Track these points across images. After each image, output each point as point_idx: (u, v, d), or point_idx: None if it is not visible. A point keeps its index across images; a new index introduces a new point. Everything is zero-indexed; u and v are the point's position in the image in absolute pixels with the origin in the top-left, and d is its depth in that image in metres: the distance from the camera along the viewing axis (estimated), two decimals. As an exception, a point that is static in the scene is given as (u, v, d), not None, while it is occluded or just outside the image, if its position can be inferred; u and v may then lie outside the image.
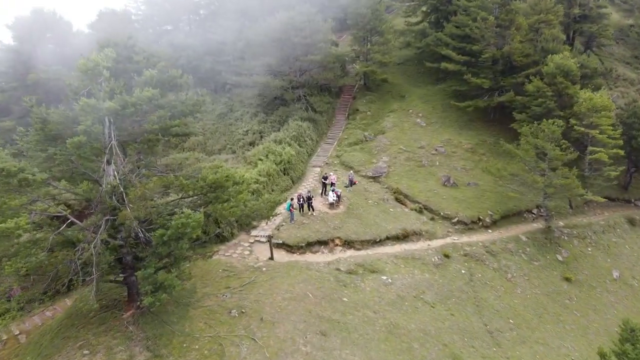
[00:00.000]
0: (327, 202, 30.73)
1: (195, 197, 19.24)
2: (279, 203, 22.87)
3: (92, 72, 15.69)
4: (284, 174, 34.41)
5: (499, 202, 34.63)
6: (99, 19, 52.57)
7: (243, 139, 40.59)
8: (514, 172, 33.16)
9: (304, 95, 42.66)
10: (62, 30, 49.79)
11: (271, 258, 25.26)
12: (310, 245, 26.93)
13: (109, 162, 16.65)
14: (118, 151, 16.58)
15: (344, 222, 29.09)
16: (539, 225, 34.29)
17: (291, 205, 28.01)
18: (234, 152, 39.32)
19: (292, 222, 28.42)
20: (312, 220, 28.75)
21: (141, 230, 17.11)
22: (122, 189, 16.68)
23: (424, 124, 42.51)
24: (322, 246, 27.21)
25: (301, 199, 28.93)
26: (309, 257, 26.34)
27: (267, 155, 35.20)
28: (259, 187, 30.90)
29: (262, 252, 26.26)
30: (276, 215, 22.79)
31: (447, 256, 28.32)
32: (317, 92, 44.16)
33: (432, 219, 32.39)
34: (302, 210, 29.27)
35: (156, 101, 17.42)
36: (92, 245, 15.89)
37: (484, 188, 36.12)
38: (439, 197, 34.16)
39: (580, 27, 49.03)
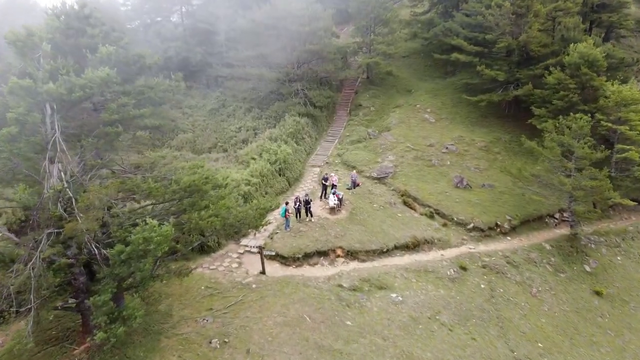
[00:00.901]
0: (327, 207, 27.30)
1: (167, 203, 15.79)
2: (271, 209, 19.32)
3: (24, 45, 12.25)
4: (280, 175, 30.99)
5: (518, 206, 31.20)
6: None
7: (235, 137, 37.16)
8: (535, 173, 29.69)
9: (302, 89, 39.22)
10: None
11: (262, 272, 21.84)
12: (308, 257, 23.50)
13: (52, 161, 13.18)
14: (64, 147, 13.10)
15: (346, 230, 25.66)
16: (562, 231, 30.86)
17: (286, 210, 24.57)
18: (225, 151, 35.87)
19: (288, 229, 25.00)
20: (310, 228, 25.32)
21: (96, 245, 13.64)
22: (70, 194, 13.23)
23: (433, 120, 39.09)
24: (322, 257, 23.79)
25: (298, 203, 25.49)
26: (306, 270, 22.91)
27: (260, 154, 31.83)
28: (251, 190, 27.48)
29: (253, 264, 22.86)
30: (268, 223, 19.23)
31: (463, 268, 24.89)
32: (317, 86, 40.70)
33: (444, 224, 28.97)
34: (299, 216, 25.83)
35: (115, 85, 13.95)
36: (29, 267, 12.44)
37: (500, 190, 32.69)
38: (452, 200, 30.74)
39: (599, 17, 45.47)
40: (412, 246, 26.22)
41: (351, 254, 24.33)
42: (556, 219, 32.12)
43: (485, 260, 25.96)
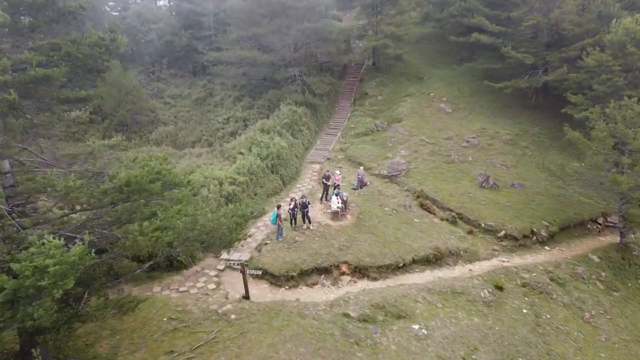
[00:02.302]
0: (329, 211, 22.39)
1: (97, 210, 10.84)
2: (252, 216, 14.39)
3: None
4: (272, 172, 26.07)
5: (555, 209, 26.24)
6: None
7: (223, 129, 32.30)
8: (579, 170, 24.73)
9: (300, 75, 34.28)
10: None
11: (246, 297, 16.89)
12: (305, 275, 18.55)
13: None
14: None
15: (352, 239, 20.72)
16: (608, 239, 25.91)
17: (278, 215, 19.61)
18: (210, 145, 30.94)
19: (280, 239, 20.06)
20: (308, 237, 20.38)
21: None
22: None
23: (450, 110, 34.15)
24: (323, 275, 18.83)
25: (293, 205, 20.52)
26: (302, 293, 17.98)
27: (250, 147, 26.91)
28: (237, 190, 22.55)
29: (235, 284, 17.98)
30: (246, 237, 14.29)
31: (499, 288, 19.91)
32: (316, 72, 35.79)
33: (470, 232, 24.03)
34: (295, 223, 20.89)
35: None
36: None
37: (532, 190, 27.74)
38: (477, 203, 25.79)
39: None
40: (434, 259, 21.26)
41: (359, 271, 19.38)
42: (599, 224, 27.13)
43: (525, 277, 20.96)
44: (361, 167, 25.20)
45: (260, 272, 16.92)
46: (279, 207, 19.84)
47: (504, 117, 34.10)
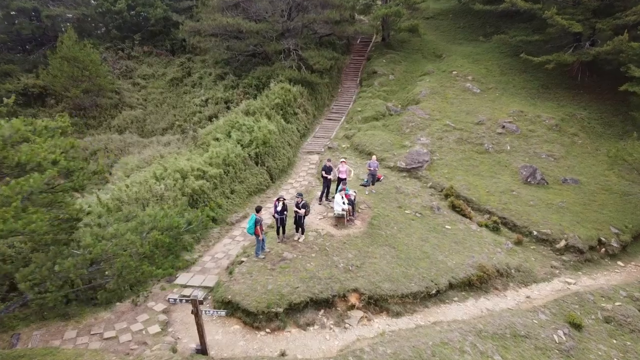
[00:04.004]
0: (331, 214, 16.39)
1: None
2: (188, 230, 8.34)
3: None
4: (257, 164, 20.05)
5: (624, 212, 20.27)
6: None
7: (200, 112, 26.38)
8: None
9: (295, 49, 28.21)
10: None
11: (202, 351, 10.82)
12: (296, 311, 12.50)
13: None
14: None
15: (364, 255, 14.69)
16: (695, 251, 19.80)
17: (257, 221, 13.51)
18: (184, 132, 24.91)
19: (261, 255, 14.03)
20: (301, 253, 14.35)
21: None
22: None
23: (478, 91, 28.09)
24: (322, 311, 12.79)
25: (281, 207, 14.42)
26: (292, 339, 11.93)
27: (229, 132, 20.85)
28: (206, 187, 16.54)
29: (190, 327, 11.89)
30: (175, 274, 8.31)
31: (576, 325, 13.84)
32: (315, 46, 29.71)
33: (517, 242, 18.05)
34: (283, 232, 14.83)
35: None
36: None
37: (591, 187, 21.73)
38: (523, 204, 19.77)
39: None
40: (478, 283, 15.22)
41: (375, 303, 13.33)
42: (678, 231, 21.08)
43: (607, 309, 14.90)
44: (373, 157, 19.14)
45: (224, 313, 10.83)
46: (258, 209, 13.73)
47: (543, 99, 28.07)
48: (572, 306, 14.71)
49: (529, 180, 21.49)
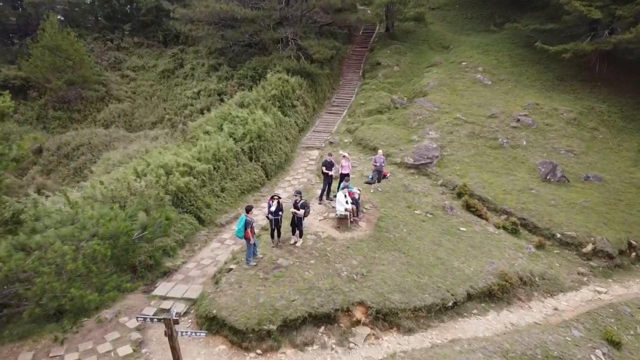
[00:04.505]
0: (332, 215, 14.59)
1: None
2: (155, 235, 6.78)
3: None
4: (251, 159, 18.27)
5: (653, 212, 18.41)
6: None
7: (191, 105, 24.68)
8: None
9: (294, 38, 26.42)
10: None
11: (178, 379, 9.01)
12: (292, 329, 10.70)
13: None
14: None
15: (370, 262, 12.89)
16: None
17: (248, 223, 11.70)
18: (174, 126, 23.12)
19: (252, 262, 12.23)
20: (298, 259, 12.55)
21: None
22: None
23: (489, 82, 26.30)
24: (323, 327, 10.99)
25: (275, 207, 12.59)
26: (286, 363, 10.15)
27: (221, 125, 19.04)
28: (192, 184, 14.76)
29: (167, 348, 10.05)
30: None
31: (615, 344, 12.04)
32: (315, 35, 27.91)
33: (539, 245, 16.25)
34: (278, 235, 13.01)
35: None
36: None
37: (615, 186, 19.95)
38: (544, 203, 17.97)
39: None
40: (500, 292, 13.40)
41: (383, 317, 11.52)
42: None
43: (646, 322, 13.10)
44: (380, 152, 17.35)
45: (204, 334, 9.03)
46: (249, 209, 11.92)
47: (559, 92, 26.30)
48: (607, 320, 12.90)
49: (548, 177, 19.69)
